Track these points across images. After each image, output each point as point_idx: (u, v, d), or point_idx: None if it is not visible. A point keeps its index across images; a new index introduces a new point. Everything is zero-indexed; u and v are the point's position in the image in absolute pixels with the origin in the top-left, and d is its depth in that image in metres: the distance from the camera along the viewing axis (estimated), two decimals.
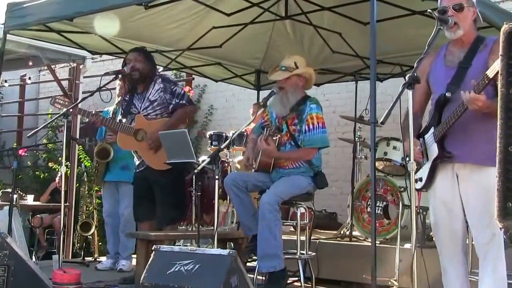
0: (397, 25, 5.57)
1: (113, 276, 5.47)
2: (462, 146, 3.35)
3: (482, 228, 3.31)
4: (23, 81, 10.91)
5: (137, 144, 5.06)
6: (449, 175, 3.44)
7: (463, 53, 3.43)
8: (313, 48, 6.88)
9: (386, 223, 5.76)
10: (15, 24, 5.37)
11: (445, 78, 3.43)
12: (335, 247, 5.67)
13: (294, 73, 4.69)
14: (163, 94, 5.08)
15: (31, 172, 11.16)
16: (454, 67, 3.42)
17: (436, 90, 3.50)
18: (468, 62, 3.37)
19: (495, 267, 3.32)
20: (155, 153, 4.99)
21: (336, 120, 8.07)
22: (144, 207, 5.16)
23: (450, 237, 3.51)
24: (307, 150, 4.65)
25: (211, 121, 10.46)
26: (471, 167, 3.35)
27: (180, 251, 3.29)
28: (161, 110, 5.09)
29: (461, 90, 3.24)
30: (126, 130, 5.08)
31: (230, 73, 7.88)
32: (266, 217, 4.35)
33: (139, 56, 5.16)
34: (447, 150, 3.38)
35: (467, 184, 3.38)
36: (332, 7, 5.76)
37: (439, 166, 3.46)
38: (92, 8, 4.90)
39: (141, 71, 5.11)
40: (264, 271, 4.48)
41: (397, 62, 6.78)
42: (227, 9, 5.86)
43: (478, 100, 3.10)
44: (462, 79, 3.35)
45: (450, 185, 3.45)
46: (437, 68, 3.53)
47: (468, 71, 3.35)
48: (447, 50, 3.54)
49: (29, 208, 7.95)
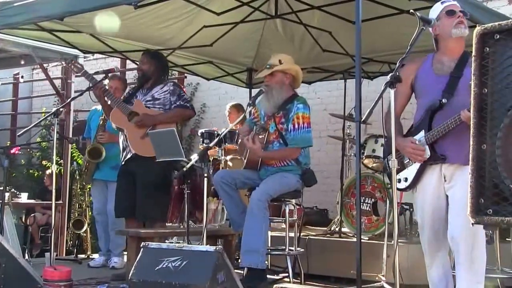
0: (386, 23, 5.63)
1: (105, 273, 5.52)
2: (452, 147, 3.43)
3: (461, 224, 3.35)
4: (16, 80, 10.92)
5: (128, 124, 5.17)
6: (436, 176, 3.52)
7: (453, 63, 3.53)
8: (304, 46, 6.91)
9: (375, 220, 5.82)
10: (6, 23, 5.37)
11: (437, 85, 3.52)
12: (325, 243, 5.71)
13: (276, 69, 4.73)
14: (169, 96, 5.27)
15: (25, 171, 11.18)
16: (445, 75, 3.52)
17: (426, 96, 3.59)
18: (459, 72, 3.48)
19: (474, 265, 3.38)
20: (142, 139, 5.06)
21: (327, 118, 8.11)
22: (125, 203, 5.23)
23: (434, 237, 3.58)
24: (291, 149, 4.69)
25: (204, 119, 10.48)
26: (459, 166, 3.43)
27: (168, 248, 3.32)
28: (159, 108, 5.24)
29: (454, 98, 3.41)
30: (122, 108, 5.22)
31: (222, 72, 7.91)
32: (254, 213, 4.40)
33: (144, 58, 5.46)
34: (439, 153, 3.46)
35: (453, 182, 3.46)
36: (321, 6, 5.80)
37: (428, 167, 3.54)
38: (82, 8, 4.92)
39: (145, 71, 5.39)
40: (244, 265, 4.49)
41: (386, 60, 6.82)
42: (217, 9, 5.89)
43: None
44: (455, 88, 3.46)
45: (437, 186, 3.52)
46: (425, 76, 3.61)
47: (460, 81, 3.46)
48: (434, 59, 3.64)
49: (22, 206, 7.97)
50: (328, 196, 7.91)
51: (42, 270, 3.96)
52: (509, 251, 4.27)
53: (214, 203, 6.01)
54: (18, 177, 10.76)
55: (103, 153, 6.02)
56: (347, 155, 6.71)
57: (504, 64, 1.97)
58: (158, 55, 5.63)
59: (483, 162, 1.99)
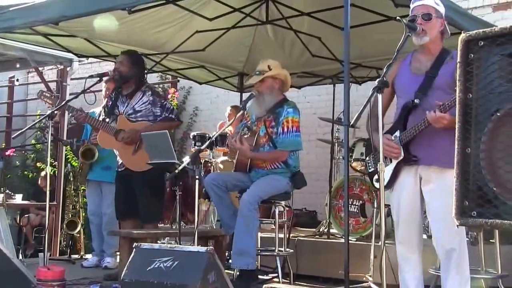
0: (374, 30, 5.64)
1: (98, 273, 5.49)
2: (426, 149, 3.42)
3: (445, 229, 3.36)
4: (11, 83, 10.88)
5: (117, 144, 5.10)
6: (411, 176, 3.50)
7: (430, 62, 3.51)
8: (294, 51, 6.92)
9: (362, 221, 5.83)
10: (2, 27, 5.35)
11: (413, 85, 3.50)
12: (313, 244, 5.72)
13: (266, 75, 4.74)
14: (150, 107, 5.14)
15: (20, 172, 11.13)
16: (421, 75, 3.50)
17: (403, 95, 3.57)
18: (435, 72, 3.46)
19: (459, 268, 3.38)
20: (133, 155, 5.03)
21: (316, 121, 8.12)
22: (125, 205, 5.19)
23: (408, 237, 3.56)
24: (279, 152, 4.70)
25: (196, 122, 10.48)
26: (434, 169, 3.42)
27: (160, 249, 3.31)
28: (143, 120, 5.13)
29: (428, 98, 3.38)
30: (107, 129, 5.12)
31: (214, 76, 7.92)
32: (245, 215, 4.40)
33: (125, 60, 5.20)
34: (412, 154, 3.45)
35: (431, 186, 3.44)
36: (311, 13, 5.81)
37: (403, 167, 3.53)
38: (77, 13, 4.92)
39: (123, 74, 5.15)
40: (236, 267, 4.50)
41: (374, 66, 6.84)
42: (209, 14, 5.88)
43: (443, 119, 3.23)
44: (429, 88, 3.44)
45: (412, 187, 3.51)
46: (404, 74, 3.59)
47: (435, 80, 3.45)
48: (413, 57, 3.62)
49: (17, 207, 7.93)
50: (318, 198, 7.92)
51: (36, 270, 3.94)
52: (493, 252, 4.28)
53: (205, 204, 6.01)
54: (12, 179, 10.71)
55: (96, 154, 6.00)
56: (336, 158, 6.72)
57: (488, 70, 1.98)
58: (139, 61, 5.34)
59: (467, 166, 2.00)
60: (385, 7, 5.13)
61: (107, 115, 5.23)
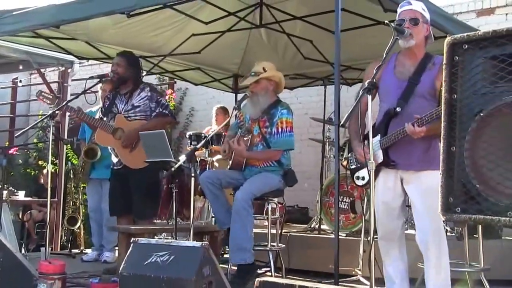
0: (364, 33, 5.64)
1: (97, 267, 5.48)
2: (404, 156, 3.46)
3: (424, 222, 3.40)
4: (14, 84, 10.84)
5: (115, 142, 5.07)
6: (391, 177, 3.54)
7: (413, 68, 3.51)
8: (287, 54, 6.92)
9: (352, 217, 5.84)
10: (5, 30, 5.35)
11: (396, 90, 3.51)
12: (305, 240, 5.73)
13: (261, 77, 4.73)
14: (148, 102, 5.09)
15: (22, 170, 11.09)
16: (405, 80, 3.51)
17: (386, 100, 3.58)
18: (417, 78, 3.47)
19: (440, 262, 3.41)
20: (131, 152, 5.01)
21: (308, 121, 8.12)
22: (119, 202, 5.16)
23: (389, 234, 3.59)
24: (274, 151, 4.69)
25: (192, 122, 10.45)
26: (412, 172, 3.48)
27: (157, 244, 3.30)
28: (141, 116, 5.10)
29: (409, 105, 3.43)
30: (105, 128, 5.08)
31: (209, 77, 7.91)
32: (239, 212, 4.39)
33: (121, 61, 5.15)
34: (391, 159, 3.49)
35: (412, 186, 3.49)
36: (303, 17, 5.82)
37: (382, 169, 3.56)
38: (77, 17, 4.90)
39: (120, 75, 5.10)
40: (235, 262, 4.50)
41: (364, 68, 6.82)
42: (205, 18, 5.88)
43: (420, 132, 3.29)
44: (411, 94, 3.46)
45: (392, 187, 3.54)
46: (388, 78, 3.59)
47: (417, 87, 3.46)
48: (397, 60, 3.61)
49: (19, 204, 7.90)
50: (309, 195, 7.92)
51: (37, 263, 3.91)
52: (476, 247, 4.29)
53: (200, 201, 5.99)
54: (15, 176, 10.67)
55: (98, 153, 5.98)
56: (327, 157, 6.73)
57: (472, 72, 1.99)
58: (135, 62, 5.28)
59: (452, 163, 2.00)
60: (374, 12, 5.15)
61: (105, 114, 5.20)
